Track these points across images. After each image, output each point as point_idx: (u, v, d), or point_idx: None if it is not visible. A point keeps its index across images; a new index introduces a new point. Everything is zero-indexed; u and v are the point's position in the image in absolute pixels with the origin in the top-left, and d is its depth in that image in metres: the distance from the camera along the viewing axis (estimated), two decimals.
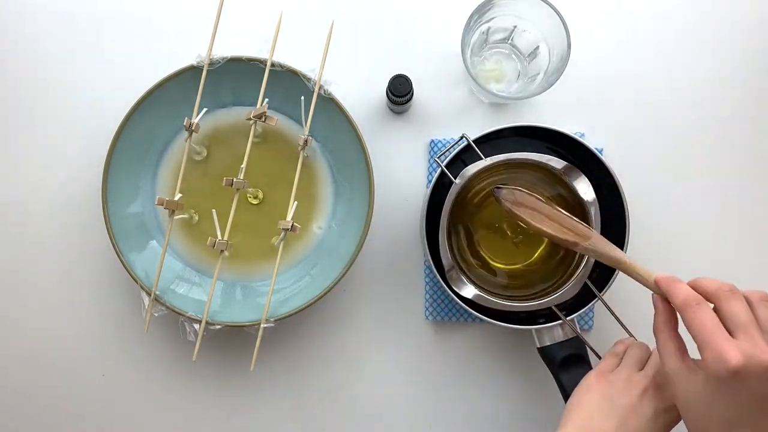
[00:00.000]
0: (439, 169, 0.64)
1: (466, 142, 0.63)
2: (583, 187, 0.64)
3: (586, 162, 0.65)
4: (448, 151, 0.64)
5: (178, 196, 0.64)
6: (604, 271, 0.65)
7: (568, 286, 0.65)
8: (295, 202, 0.63)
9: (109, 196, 0.67)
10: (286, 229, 0.62)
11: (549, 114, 0.73)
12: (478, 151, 0.63)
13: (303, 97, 0.65)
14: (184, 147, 0.65)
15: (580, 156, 0.65)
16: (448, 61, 0.73)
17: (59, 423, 0.74)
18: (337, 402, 0.74)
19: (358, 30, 0.73)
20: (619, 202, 0.64)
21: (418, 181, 0.73)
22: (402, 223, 0.73)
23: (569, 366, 0.64)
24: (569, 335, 0.65)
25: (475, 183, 0.66)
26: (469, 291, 0.64)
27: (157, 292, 0.66)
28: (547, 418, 0.72)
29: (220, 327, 0.66)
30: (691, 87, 0.73)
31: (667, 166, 0.73)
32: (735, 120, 0.73)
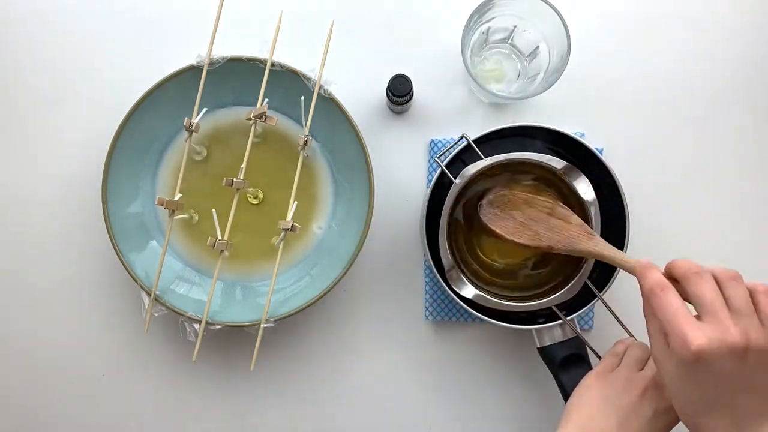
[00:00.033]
0: (439, 169, 0.64)
1: (466, 142, 0.63)
2: (583, 187, 0.64)
3: (586, 162, 0.65)
4: (448, 151, 0.64)
5: (178, 196, 0.64)
6: (604, 271, 0.65)
7: (568, 286, 0.65)
8: (295, 202, 0.63)
9: (109, 196, 0.67)
10: (286, 229, 0.62)
11: (549, 114, 0.73)
12: (478, 151, 0.63)
13: (303, 97, 0.65)
14: (184, 147, 0.65)
15: (580, 156, 0.65)
16: (448, 61, 0.72)
17: (59, 423, 0.74)
18: (337, 402, 0.74)
19: (358, 30, 0.73)
20: (619, 202, 0.64)
21: (418, 181, 0.73)
22: (402, 223, 0.73)
23: (569, 366, 0.64)
24: (569, 335, 0.65)
25: (475, 183, 0.66)
26: (469, 291, 0.64)
27: (157, 292, 0.66)
28: (547, 418, 0.72)
29: (220, 327, 0.66)
30: (691, 87, 0.73)
31: (666, 166, 0.73)
32: (735, 120, 0.73)
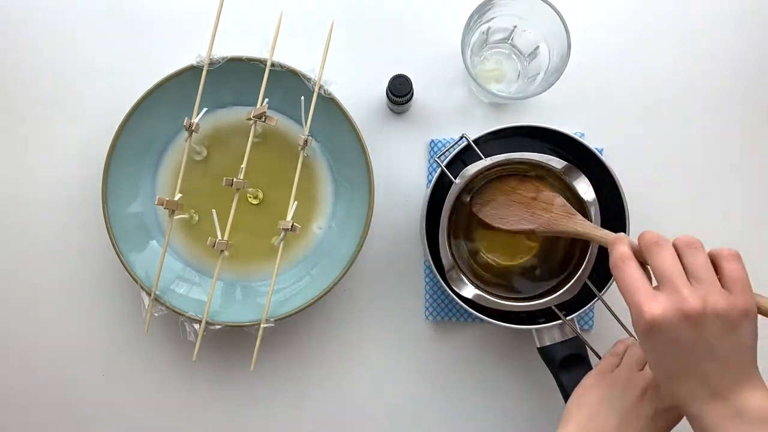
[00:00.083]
0: (439, 169, 0.64)
1: (466, 142, 0.63)
2: (583, 187, 0.64)
3: (586, 162, 0.65)
4: (448, 151, 0.64)
5: (178, 196, 0.64)
6: (604, 271, 0.65)
7: (568, 286, 0.65)
8: (295, 202, 0.63)
9: (109, 196, 0.67)
10: (286, 229, 0.62)
11: (549, 114, 0.73)
12: (478, 151, 0.63)
13: (303, 97, 0.65)
14: (184, 147, 0.65)
15: (580, 156, 0.65)
16: (448, 61, 0.72)
17: (59, 423, 0.74)
18: (337, 402, 0.74)
19: (358, 30, 0.73)
20: (619, 202, 0.64)
21: (418, 181, 0.73)
22: (402, 223, 0.73)
23: (569, 366, 0.64)
24: (569, 335, 0.65)
25: (475, 183, 0.66)
26: (469, 291, 0.64)
27: (157, 292, 0.66)
28: (547, 418, 0.72)
29: (220, 327, 0.66)
30: (691, 87, 0.73)
31: (667, 166, 0.73)
32: (735, 120, 0.73)
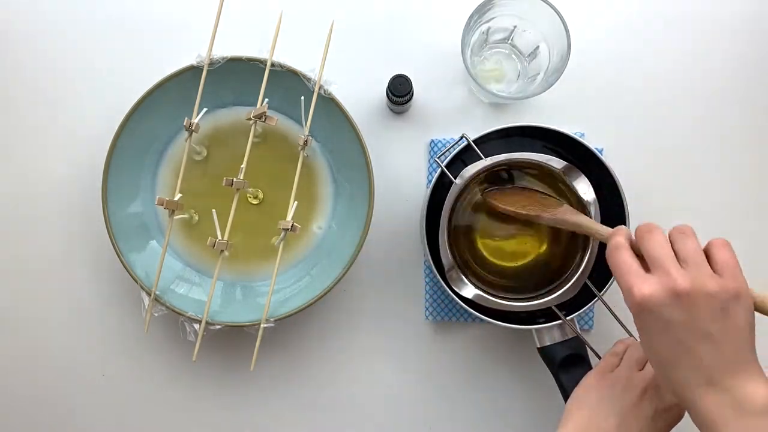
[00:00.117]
0: (439, 169, 0.64)
1: (466, 142, 0.63)
2: (583, 187, 0.64)
3: (586, 162, 0.65)
4: (448, 151, 0.64)
5: (178, 196, 0.64)
6: (604, 271, 0.65)
7: (568, 286, 0.65)
8: (295, 202, 0.63)
9: (109, 196, 0.67)
10: (286, 229, 0.62)
11: (549, 114, 0.73)
12: (478, 151, 0.63)
13: (303, 97, 0.65)
14: (184, 147, 0.65)
15: (580, 156, 0.65)
16: (448, 61, 0.72)
17: (59, 423, 0.74)
18: (337, 402, 0.74)
19: (358, 30, 0.73)
20: (619, 202, 0.64)
21: (418, 181, 0.73)
22: (402, 223, 0.73)
23: (569, 366, 0.64)
24: (569, 335, 0.65)
25: (476, 183, 0.66)
26: (469, 291, 0.64)
27: (157, 292, 0.66)
28: (547, 418, 0.72)
29: (220, 327, 0.66)
30: (691, 87, 0.73)
31: (667, 166, 0.73)
32: (735, 120, 0.73)
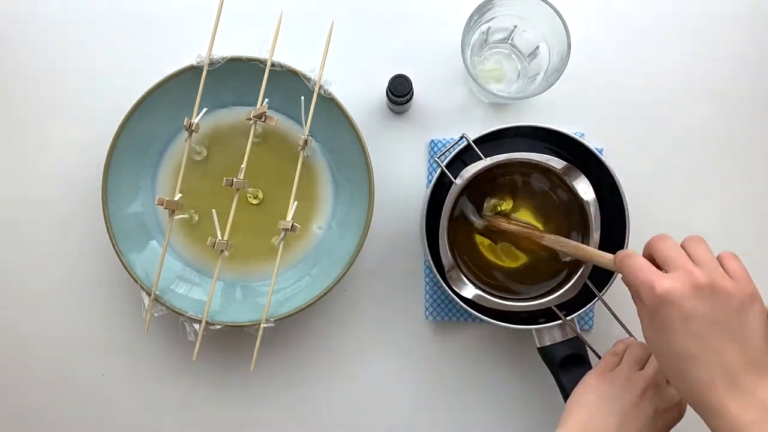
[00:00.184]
0: (439, 169, 0.64)
1: (466, 142, 0.63)
2: (583, 187, 0.64)
3: (586, 162, 0.65)
4: (448, 151, 0.64)
5: (178, 196, 0.64)
6: (604, 271, 0.65)
7: (568, 286, 0.65)
8: (295, 202, 0.63)
9: (109, 196, 0.67)
10: (286, 229, 0.62)
11: (549, 114, 0.73)
12: (478, 151, 0.63)
13: (303, 97, 0.65)
14: (184, 147, 0.65)
15: (580, 156, 0.65)
16: (448, 61, 0.72)
17: (59, 423, 0.74)
18: (337, 402, 0.74)
19: (358, 30, 0.73)
20: (619, 202, 0.64)
21: (418, 181, 0.73)
22: (402, 223, 0.73)
23: (569, 366, 0.64)
24: (569, 335, 0.65)
25: (476, 183, 0.66)
26: (469, 291, 0.64)
27: (157, 292, 0.66)
28: (547, 418, 0.72)
29: (220, 327, 0.66)
30: (691, 87, 0.73)
31: (667, 166, 0.73)
32: (735, 120, 0.73)
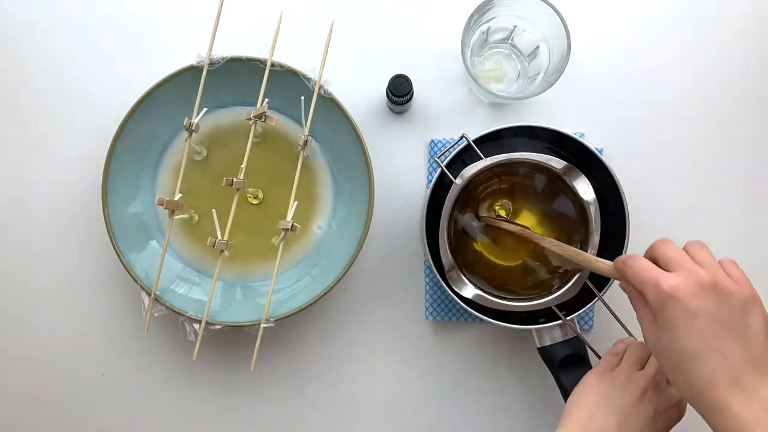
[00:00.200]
0: (439, 169, 0.64)
1: (466, 142, 0.63)
2: (583, 187, 0.64)
3: (586, 162, 0.65)
4: (448, 151, 0.64)
5: (178, 196, 0.64)
6: None
7: (568, 286, 0.65)
8: (295, 202, 0.63)
9: (109, 196, 0.67)
10: (286, 229, 0.62)
11: (549, 114, 0.73)
12: (478, 151, 0.63)
13: (303, 97, 0.65)
14: (184, 147, 0.65)
15: (580, 156, 0.65)
16: (448, 61, 0.72)
17: (59, 423, 0.74)
18: (337, 402, 0.74)
19: (358, 30, 0.73)
20: (619, 202, 0.64)
21: (418, 181, 0.73)
22: (402, 223, 0.73)
23: (569, 366, 0.64)
24: (569, 335, 0.65)
25: (475, 183, 0.66)
26: (469, 291, 0.64)
27: (157, 292, 0.66)
28: (547, 418, 0.72)
29: (220, 327, 0.66)
30: (691, 87, 0.73)
31: (667, 166, 0.73)
32: (735, 120, 0.73)
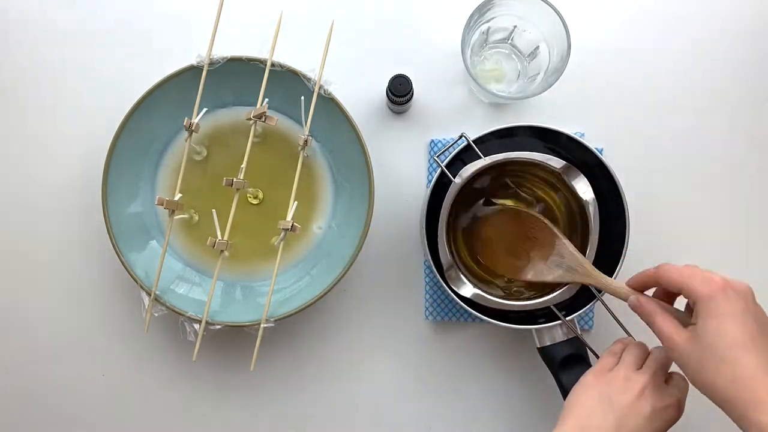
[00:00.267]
0: (439, 169, 0.64)
1: (465, 142, 0.63)
2: (583, 187, 0.64)
3: (586, 162, 0.65)
4: (448, 150, 0.64)
5: (178, 196, 0.64)
6: (603, 271, 0.65)
7: (567, 286, 0.65)
8: (295, 202, 0.63)
9: (109, 196, 0.67)
10: (286, 229, 0.62)
11: (549, 114, 0.73)
12: (478, 151, 0.63)
13: (303, 97, 0.65)
14: (184, 147, 0.65)
15: (580, 156, 0.65)
16: (448, 61, 0.72)
17: (59, 423, 0.74)
18: (337, 402, 0.74)
19: (358, 30, 0.73)
20: (619, 202, 0.64)
21: (418, 181, 0.73)
22: (402, 223, 0.73)
23: (569, 366, 0.64)
24: (569, 335, 0.65)
25: (475, 183, 0.66)
26: (468, 290, 0.64)
27: (157, 292, 0.66)
28: (546, 418, 0.72)
29: (220, 327, 0.66)
30: (691, 87, 0.73)
31: (667, 166, 0.73)
32: (735, 120, 0.73)
